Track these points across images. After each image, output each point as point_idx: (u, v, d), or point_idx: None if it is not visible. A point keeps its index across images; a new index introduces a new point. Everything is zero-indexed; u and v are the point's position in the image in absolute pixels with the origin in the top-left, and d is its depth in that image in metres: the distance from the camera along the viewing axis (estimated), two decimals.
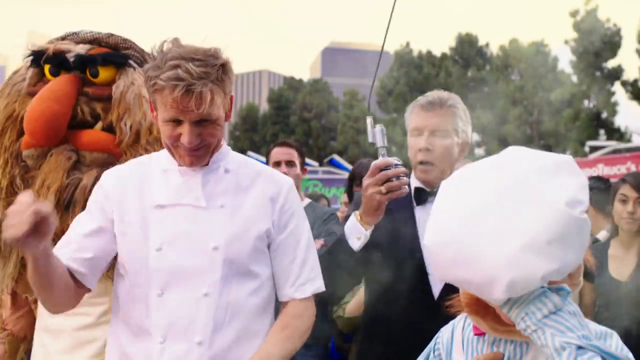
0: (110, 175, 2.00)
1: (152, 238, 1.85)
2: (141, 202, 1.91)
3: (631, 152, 15.47)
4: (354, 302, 3.11)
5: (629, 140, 27.05)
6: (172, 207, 1.89)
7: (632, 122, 29.98)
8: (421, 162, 2.32)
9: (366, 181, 2.12)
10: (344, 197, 4.64)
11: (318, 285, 2.00)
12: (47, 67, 2.46)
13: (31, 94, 2.41)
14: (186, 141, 1.82)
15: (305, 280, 1.98)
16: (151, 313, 1.83)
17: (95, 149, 2.38)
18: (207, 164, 1.93)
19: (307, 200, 3.73)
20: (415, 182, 2.38)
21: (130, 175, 1.98)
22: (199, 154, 1.88)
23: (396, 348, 2.25)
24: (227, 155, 2.00)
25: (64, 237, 1.95)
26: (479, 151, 33.94)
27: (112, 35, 2.56)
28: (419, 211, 2.35)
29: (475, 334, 1.55)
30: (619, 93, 31.17)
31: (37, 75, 2.48)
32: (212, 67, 1.79)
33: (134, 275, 1.88)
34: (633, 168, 13.10)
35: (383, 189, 2.07)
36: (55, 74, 2.45)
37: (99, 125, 2.42)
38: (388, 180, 2.07)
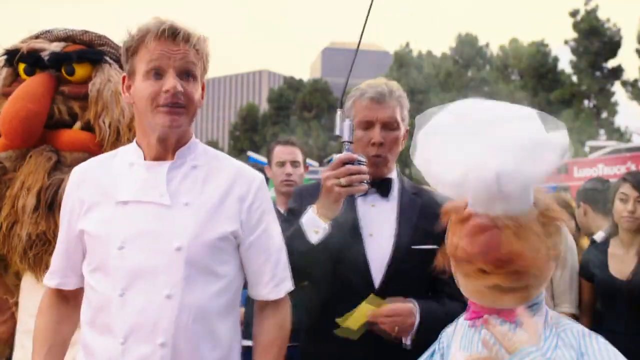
0: (76, 172, 1.96)
1: (114, 236, 1.79)
2: (106, 198, 1.85)
3: (631, 152, 15.47)
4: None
5: (628, 140, 27.08)
6: (135, 204, 1.82)
7: (632, 122, 30.02)
8: (373, 156, 2.30)
9: (326, 173, 2.11)
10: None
11: (289, 285, 1.98)
12: (21, 67, 2.42)
13: (6, 95, 2.37)
14: (170, 85, 1.76)
15: (280, 280, 1.95)
16: (113, 313, 1.77)
17: (75, 148, 2.35)
18: (172, 159, 1.87)
19: None
20: None
21: (97, 169, 1.93)
22: (179, 112, 1.80)
23: (339, 342, 2.22)
24: (195, 150, 1.92)
25: (54, 258, 1.97)
26: None
27: (86, 32, 2.53)
28: (359, 202, 2.33)
29: (466, 319, 1.61)
30: (619, 93, 31.20)
31: (11, 76, 2.44)
32: (197, 31, 1.83)
33: (97, 272, 1.83)
34: (633, 168, 13.11)
35: (343, 181, 2.05)
36: (30, 73, 2.41)
37: (78, 124, 2.40)
38: (350, 174, 2.06)
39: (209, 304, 1.82)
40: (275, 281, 1.94)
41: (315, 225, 2.12)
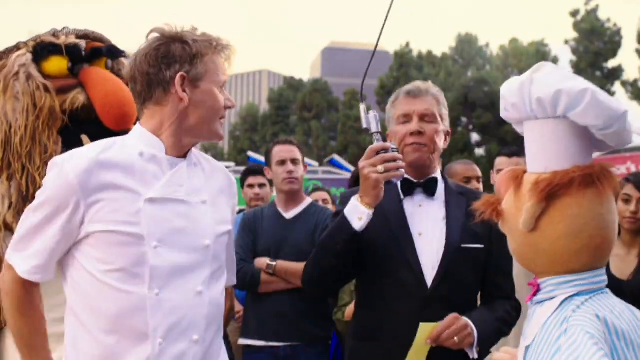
0: (81, 168, 1.76)
1: (148, 235, 1.76)
2: (128, 194, 1.77)
3: (631, 152, 15.46)
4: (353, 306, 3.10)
5: None
6: (164, 201, 1.81)
7: (632, 122, 29.92)
8: (412, 144, 2.34)
9: (362, 163, 2.15)
10: None
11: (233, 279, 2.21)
12: (65, 60, 2.41)
13: (58, 89, 2.36)
14: (233, 102, 1.92)
15: (235, 271, 2.22)
16: (148, 313, 1.75)
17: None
18: (184, 157, 1.93)
19: (309, 200, 3.70)
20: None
21: (106, 164, 1.79)
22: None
23: (389, 342, 2.25)
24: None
25: (47, 253, 1.82)
26: (479, 151, 33.94)
27: (93, 31, 2.59)
28: (406, 202, 2.36)
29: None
30: (619, 93, 31.16)
31: (38, 71, 2.40)
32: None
33: (120, 272, 1.75)
34: (633, 168, 13.11)
35: (380, 167, 2.09)
36: (77, 66, 2.45)
37: None
38: (386, 162, 2.10)
39: (222, 297, 1.95)
40: (233, 271, 2.17)
41: (358, 212, 2.16)
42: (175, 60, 1.83)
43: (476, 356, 2.19)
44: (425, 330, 2.15)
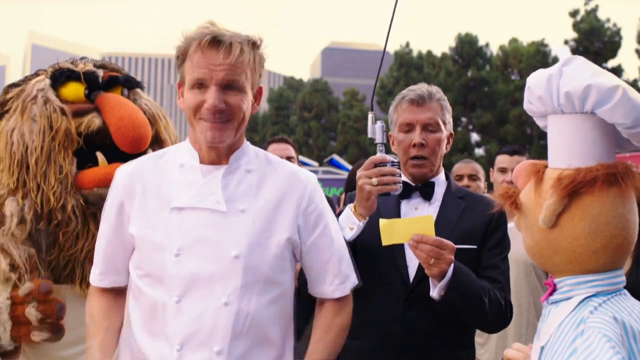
0: (124, 172, 1.92)
1: (170, 242, 1.77)
2: (159, 202, 1.82)
3: (631, 152, 15.45)
4: None
5: None
6: (191, 210, 1.80)
7: None
8: (414, 157, 2.34)
9: (359, 173, 2.17)
10: (343, 197, 4.63)
11: (353, 279, 1.97)
12: (82, 86, 2.48)
13: (75, 112, 2.42)
14: (210, 103, 1.74)
15: (344, 278, 1.94)
16: (169, 319, 1.76)
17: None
18: (227, 163, 1.85)
19: None
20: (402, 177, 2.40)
21: (149, 170, 1.89)
22: (223, 127, 1.78)
23: (373, 341, 2.28)
24: (248, 153, 1.90)
25: (102, 259, 1.96)
26: (479, 151, 33.96)
27: (111, 62, 2.68)
28: (403, 205, 2.38)
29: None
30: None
31: (55, 95, 2.46)
32: (245, 37, 1.79)
33: (148, 278, 1.82)
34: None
35: (374, 180, 2.10)
36: (97, 93, 2.52)
37: None
38: (382, 175, 2.11)
39: (265, 312, 1.82)
40: (340, 279, 1.94)
41: (350, 222, 2.19)
42: (177, 65, 1.86)
43: (435, 295, 2.13)
44: (424, 224, 2.10)
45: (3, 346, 2.21)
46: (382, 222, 2.11)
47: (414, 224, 2.10)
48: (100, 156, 2.43)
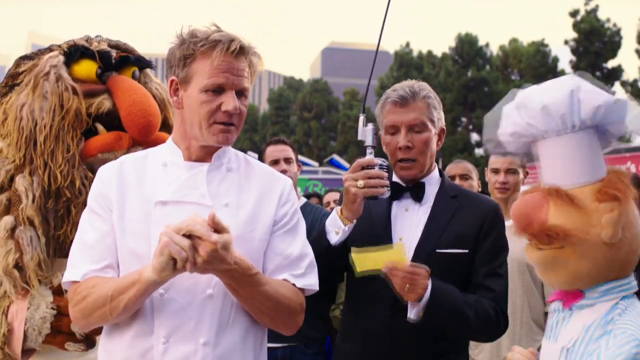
0: (109, 169, 1.94)
1: (154, 236, 1.75)
2: (142, 197, 1.85)
3: (631, 152, 15.46)
4: None
5: (628, 141, 27.02)
6: (175, 204, 1.83)
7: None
8: (402, 160, 2.29)
9: (345, 175, 2.16)
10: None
11: (312, 283, 1.92)
12: (95, 65, 2.45)
13: (86, 93, 2.39)
14: (231, 107, 1.79)
15: (302, 274, 1.90)
16: (154, 313, 1.78)
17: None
18: (210, 161, 1.90)
19: (303, 200, 3.71)
20: (393, 178, 2.36)
21: (131, 168, 1.92)
22: (231, 130, 1.85)
23: (362, 345, 2.26)
24: (229, 153, 1.96)
25: (86, 246, 1.86)
26: (479, 151, 33.94)
27: (125, 42, 2.65)
28: (394, 206, 2.32)
29: (548, 301, 1.58)
30: (619, 93, 31.17)
31: (68, 73, 2.42)
32: (254, 47, 1.87)
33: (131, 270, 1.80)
34: (633, 168, 13.11)
35: (360, 182, 2.08)
36: (109, 74, 2.50)
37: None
38: (369, 178, 2.09)
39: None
40: (297, 272, 1.89)
41: (336, 226, 2.17)
42: (173, 64, 1.88)
43: (413, 317, 2.10)
44: (396, 254, 2.06)
45: (27, 345, 2.22)
46: (354, 251, 2.06)
47: (385, 253, 2.06)
48: (99, 126, 2.42)
